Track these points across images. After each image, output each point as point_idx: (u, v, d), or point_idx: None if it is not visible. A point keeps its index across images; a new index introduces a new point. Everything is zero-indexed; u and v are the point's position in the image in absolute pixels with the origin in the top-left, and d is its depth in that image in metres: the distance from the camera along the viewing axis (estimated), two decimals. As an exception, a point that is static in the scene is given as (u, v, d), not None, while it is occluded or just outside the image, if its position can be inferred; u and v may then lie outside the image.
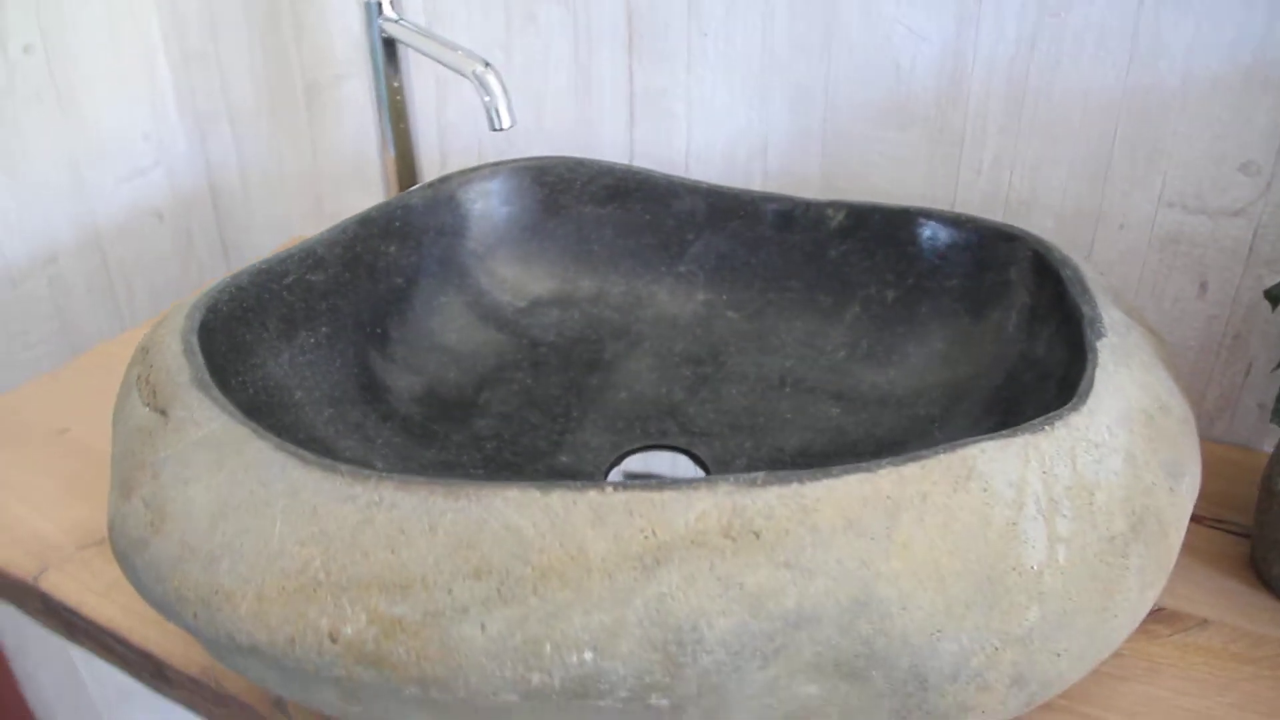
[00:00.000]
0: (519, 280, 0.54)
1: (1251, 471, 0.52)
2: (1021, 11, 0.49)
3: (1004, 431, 0.33)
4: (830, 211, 0.52)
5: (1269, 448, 0.53)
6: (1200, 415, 0.54)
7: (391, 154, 0.60)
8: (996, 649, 0.31)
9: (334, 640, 0.29)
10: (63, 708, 0.85)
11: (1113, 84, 0.49)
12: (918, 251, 0.50)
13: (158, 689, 0.44)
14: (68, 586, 0.46)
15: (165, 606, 0.32)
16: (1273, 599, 0.45)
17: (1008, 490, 0.32)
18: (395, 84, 0.58)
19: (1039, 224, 0.53)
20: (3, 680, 0.89)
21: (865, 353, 0.50)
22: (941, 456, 0.31)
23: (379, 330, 0.49)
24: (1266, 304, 0.50)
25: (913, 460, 0.31)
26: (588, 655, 0.28)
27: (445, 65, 0.51)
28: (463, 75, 0.49)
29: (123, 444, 0.37)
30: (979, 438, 0.32)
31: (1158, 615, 0.44)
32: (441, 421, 0.47)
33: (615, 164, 0.54)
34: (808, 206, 0.52)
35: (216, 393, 0.35)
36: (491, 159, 0.67)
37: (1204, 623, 0.44)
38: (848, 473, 0.30)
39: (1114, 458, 0.34)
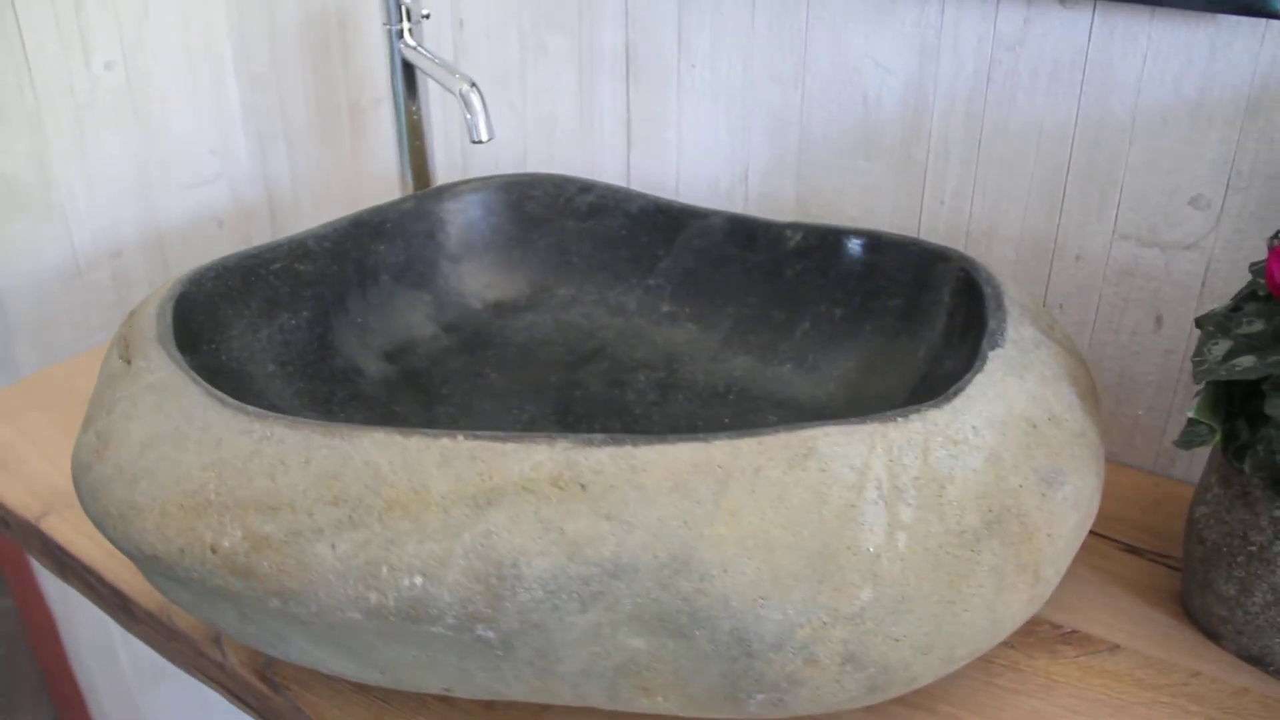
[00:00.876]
0: (498, 285, 0.58)
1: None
2: (978, 46, 0.51)
3: (853, 418, 0.35)
4: (789, 232, 0.54)
5: (1231, 490, 0.53)
6: (1160, 454, 0.54)
7: (408, 169, 0.66)
8: (825, 624, 0.33)
9: (214, 551, 0.33)
10: (104, 683, 0.92)
11: (1065, 117, 0.50)
12: (865, 272, 0.52)
13: (126, 626, 0.49)
14: (64, 529, 0.51)
15: (98, 521, 0.37)
16: (1195, 632, 0.44)
17: (848, 473, 0.34)
18: (413, 107, 0.64)
19: (999, 254, 0.54)
20: (56, 655, 0.96)
21: (810, 366, 0.52)
22: (781, 435, 0.33)
23: (359, 320, 0.54)
24: (1224, 342, 0.50)
25: (750, 435, 0.33)
26: (418, 580, 0.31)
27: (440, 83, 0.56)
28: (450, 92, 0.54)
29: (96, 389, 0.42)
30: (825, 421, 0.34)
31: (1068, 637, 0.44)
32: (403, 404, 0.51)
33: (596, 181, 0.58)
34: (768, 227, 0.54)
35: (173, 349, 0.40)
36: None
37: (1115, 648, 0.44)
38: (682, 441, 0.33)
39: (974, 455, 0.36)
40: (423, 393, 0.53)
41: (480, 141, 0.53)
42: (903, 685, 0.35)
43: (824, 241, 0.53)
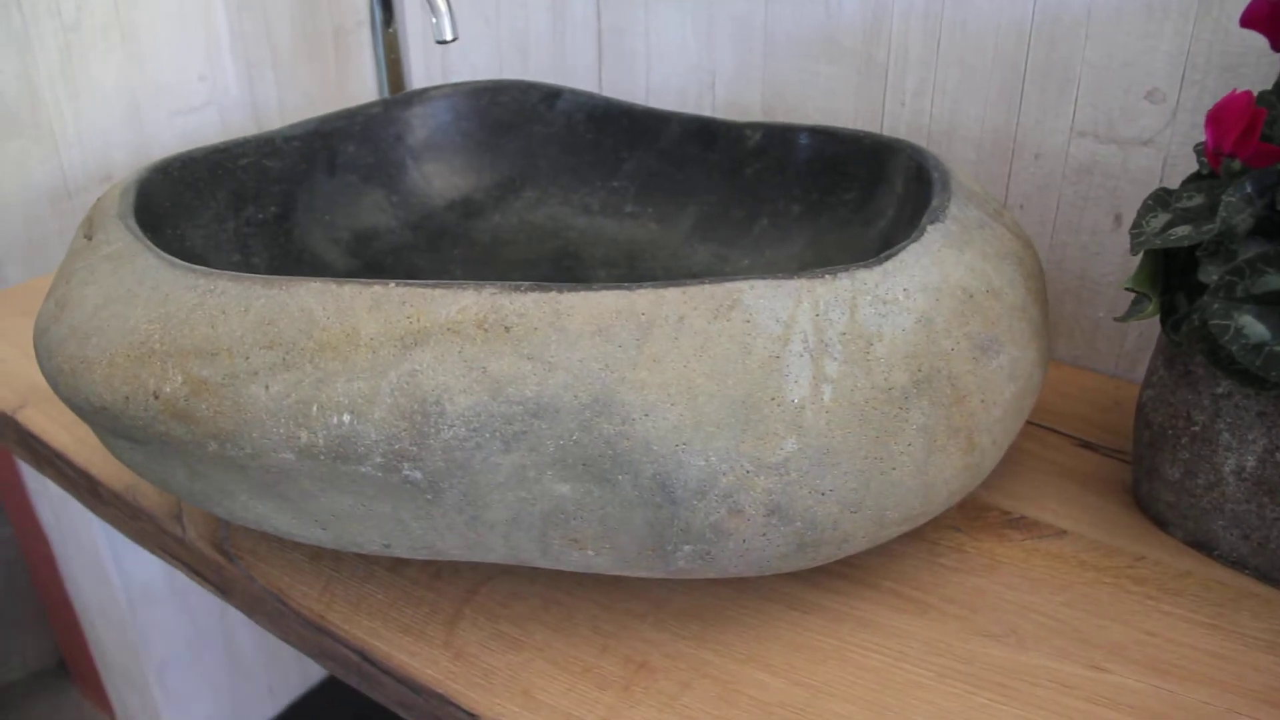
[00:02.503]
0: (464, 186, 0.59)
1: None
2: (940, -57, 0.51)
3: (780, 274, 0.35)
4: (748, 132, 0.54)
5: (1191, 391, 0.53)
6: (1120, 357, 0.54)
7: (385, 87, 0.66)
8: (748, 472, 0.33)
9: (156, 398, 0.34)
10: (98, 606, 0.93)
11: (1022, 14, 0.50)
12: (822, 167, 0.52)
13: (94, 509, 0.50)
14: (39, 421, 0.53)
15: (51, 379, 0.38)
16: (1144, 520, 0.45)
17: (774, 325, 0.34)
18: (390, 27, 0.64)
19: (960, 154, 0.54)
20: (53, 580, 0.99)
21: (767, 261, 0.53)
22: (706, 286, 0.34)
23: (325, 216, 0.54)
24: (1184, 240, 0.50)
25: (674, 285, 0.34)
26: (346, 418, 0.32)
27: (409, -12, 0.56)
28: (417, -6, 0.54)
29: (61, 265, 0.43)
30: (750, 275, 0.35)
31: (1016, 522, 0.45)
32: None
33: (563, 87, 0.58)
34: (729, 127, 0.55)
35: (131, 222, 0.41)
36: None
37: (1061, 533, 0.44)
38: (607, 289, 0.33)
39: (904, 316, 0.36)
40: (388, 290, 0.53)
41: (444, 41, 0.53)
42: (834, 545, 0.36)
43: (782, 139, 0.53)
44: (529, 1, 0.66)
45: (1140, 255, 0.39)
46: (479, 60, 0.71)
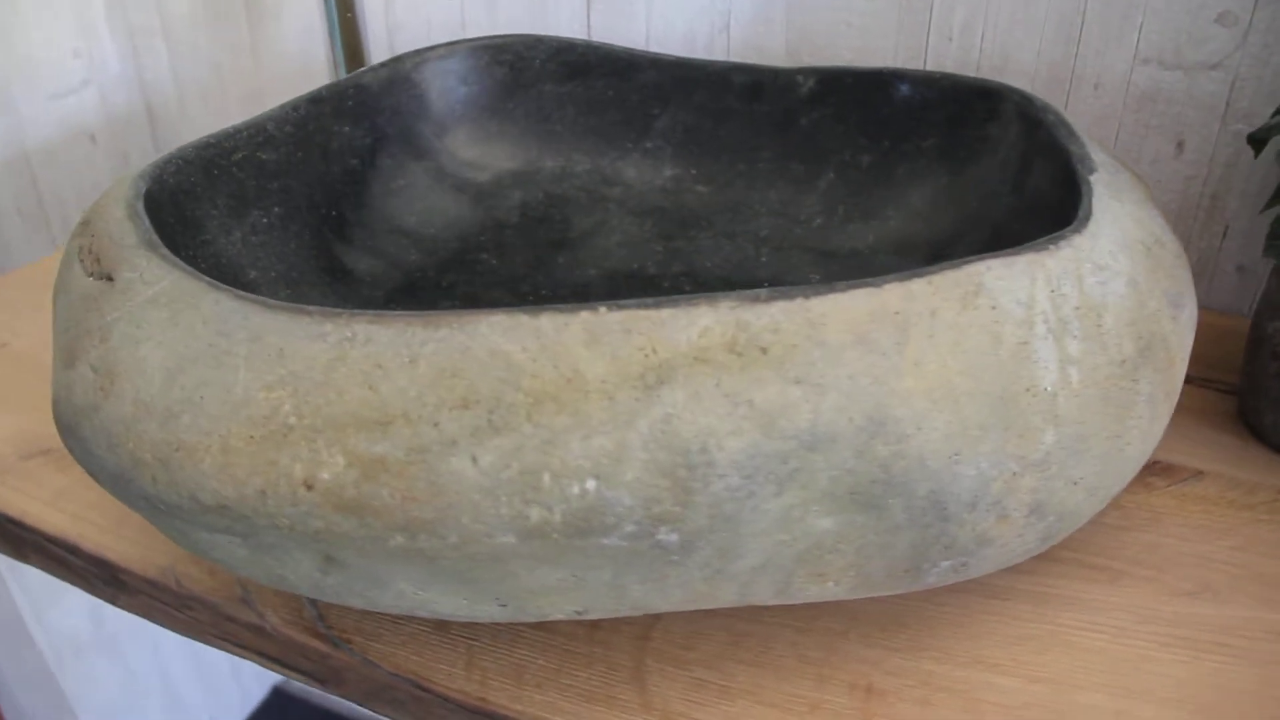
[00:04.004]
0: (479, 161, 0.51)
1: (1232, 334, 0.51)
2: None
3: (1007, 250, 0.31)
4: (800, 78, 0.50)
5: (1248, 312, 0.53)
6: (1211, 291, 0.53)
7: (340, 49, 0.57)
8: (1015, 474, 0.30)
9: (309, 488, 0.26)
10: (15, 666, 0.81)
11: (1088, -67, 0.47)
12: (892, 113, 0.48)
13: (113, 599, 0.42)
14: (11, 498, 0.43)
15: (119, 475, 0.29)
16: (1263, 449, 0.44)
17: (1017, 309, 0.30)
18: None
19: (1014, 89, 0.52)
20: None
21: (842, 218, 0.49)
22: (948, 273, 0.30)
23: (334, 213, 0.46)
24: (1244, 164, 0.49)
25: (918, 276, 0.29)
26: (590, 484, 0.26)
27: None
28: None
29: (65, 317, 0.34)
30: (983, 255, 0.31)
31: (1153, 468, 0.44)
32: (405, 303, 0.45)
33: (575, 39, 0.51)
34: (776, 74, 0.50)
35: (166, 251, 0.32)
36: (441, 57, 0.64)
37: (1199, 474, 0.43)
38: (853, 288, 0.28)
39: (1117, 281, 0.33)
40: (421, 288, 0.46)
41: (455, -5, 0.45)
42: (1068, 531, 0.33)
43: (840, 84, 0.49)
44: (495, -58, 0.58)
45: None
46: (434, 15, 0.62)
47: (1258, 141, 0.42)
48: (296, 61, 0.67)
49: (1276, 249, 0.38)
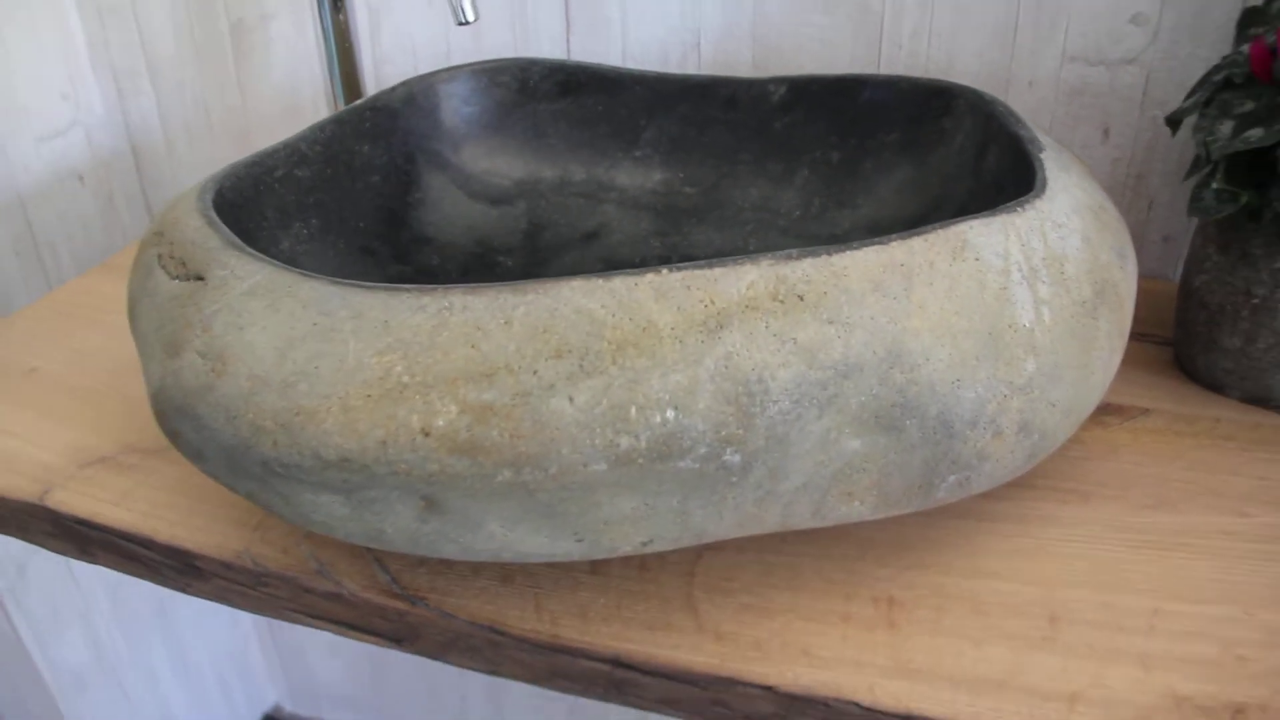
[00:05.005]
0: (487, 173, 0.56)
1: (1163, 296, 0.58)
2: (929, -110, 0.54)
3: (985, 212, 0.37)
4: (772, 87, 0.55)
5: (1175, 277, 0.60)
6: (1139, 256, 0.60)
7: (338, 82, 0.61)
8: (1005, 396, 0.35)
9: (427, 434, 0.31)
10: (17, 699, 0.82)
11: (1015, -50, 0.54)
12: (857, 114, 0.54)
13: (185, 588, 0.45)
14: (77, 502, 0.45)
15: (238, 445, 0.33)
16: (1198, 387, 0.51)
17: (996, 260, 0.36)
18: (340, 15, 0.59)
19: (958, 89, 0.58)
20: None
21: (819, 209, 0.54)
22: (940, 231, 0.35)
23: (362, 224, 0.50)
24: (1161, 145, 0.57)
25: (916, 235, 0.35)
26: (670, 414, 0.31)
27: (398, -30, 0.52)
28: (420, -25, 0.51)
29: (154, 317, 0.37)
30: (966, 217, 0.36)
31: (1107, 409, 0.50)
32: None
33: (565, 61, 0.57)
34: (750, 84, 0.55)
35: (252, 251, 0.36)
36: (428, 84, 0.68)
37: (1146, 411, 0.50)
38: (865, 245, 0.34)
39: (1074, 237, 0.39)
40: (448, 293, 0.50)
41: (465, 22, 0.50)
42: (1049, 449, 0.39)
43: (808, 91, 0.55)
44: (479, -23, 0.63)
45: (1216, 159, 0.44)
46: (420, 43, 0.67)
47: (1174, 122, 0.49)
48: (284, 96, 0.71)
49: (1199, 209, 0.45)
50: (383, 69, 0.68)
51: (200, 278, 0.37)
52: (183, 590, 0.45)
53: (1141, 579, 0.40)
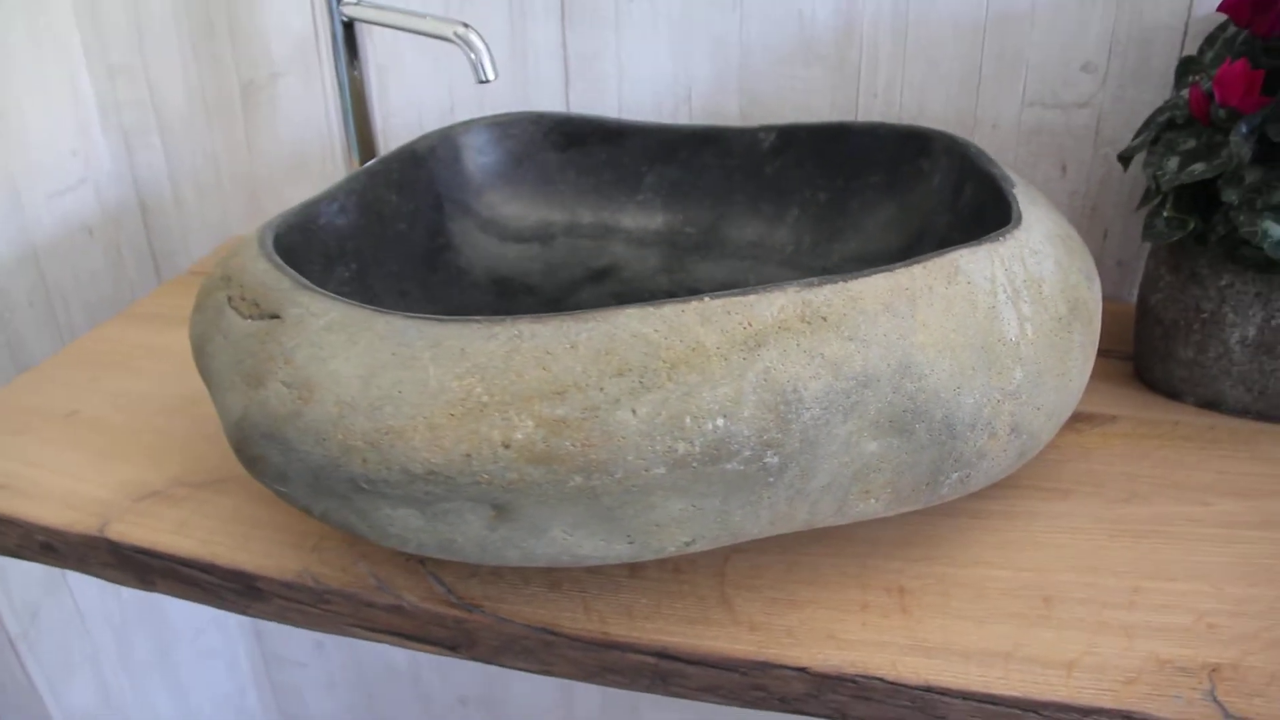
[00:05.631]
0: (503, 219, 0.60)
1: (1121, 316, 0.64)
2: (897, -43, 0.60)
3: (972, 241, 0.42)
4: (762, 135, 0.61)
5: (1131, 297, 0.66)
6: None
7: (354, 139, 0.65)
8: (999, 401, 0.40)
9: (507, 447, 0.35)
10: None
11: (977, 9, 0.60)
12: (841, 158, 0.60)
13: (244, 610, 0.48)
14: (136, 533, 0.48)
15: (327, 464, 0.37)
16: (1158, 396, 0.57)
17: (984, 282, 0.41)
18: (354, 71, 0.64)
19: (928, 133, 0.64)
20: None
21: (810, 244, 0.60)
22: (935, 260, 0.40)
23: (395, 268, 0.54)
24: (1114, 179, 0.63)
25: (916, 263, 0.40)
26: (720, 421, 0.35)
27: (421, 34, 0.57)
28: (444, 39, 0.55)
29: (230, 353, 0.41)
30: (956, 246, 0.42)
31: (1078, 417, 0.55)
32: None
33: (571, 114, 0.61)
34: (741, 132, 0.61)
35: (323, 290, 0.40)
36: (432, 137, 0.73)
37: (1113, 418, 0.55)
38: (875, 273, 0.39)
39: (1048, 262, 0.45)
40: (476, 329, 0.54)
41: (487, 81, 0.55)
42: (1035, 449, 0.44)
43: (796, 138, 0.60)
44: (487, 33, 0.68)
45: (1165, 190, 0.50)
46: (427, 101, 0.71)
47: (1125, 159, 0.55)
48: (292, 151, 0.75)
49: (1151, 235, 0.51)
50: (390, 123, 0.72)
51: (275, 316, 0.40)
52: (242, 612, 0.48)
53: (1120, 562, 0.45)
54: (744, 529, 0.40)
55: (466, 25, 0.55)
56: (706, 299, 0.37)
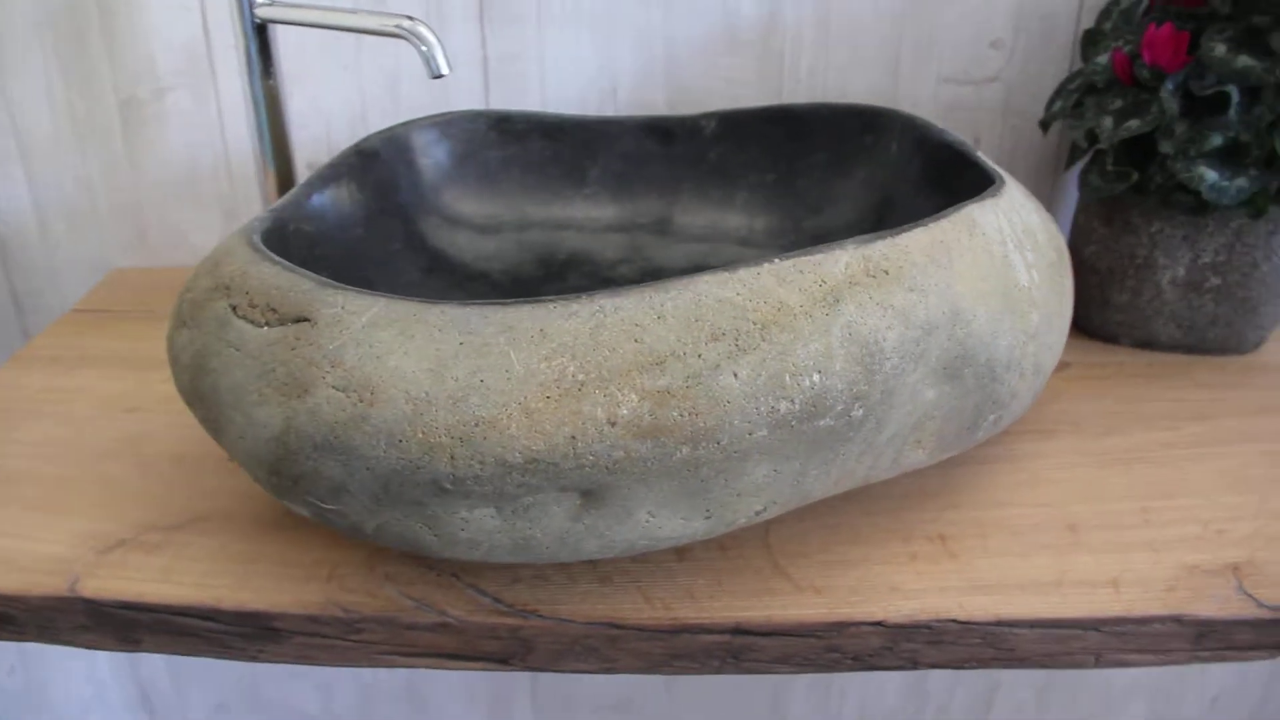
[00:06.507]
0: (449, 225, 0.58)
1: (1029, 275, 0.69)
2: (816, -55, 0.62)
3: (974, 198, 0.44)
4: (703, 122, 0.61)
5: (1032, 258, 0.71)
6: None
7: (269, 150, 0.61)
8: (1024, 343, 0.42)
9: (613, 424, 0.33)
10: None
11: (891, -6, 0.63)
12: (783, 140, 0.61)
13: (256, 655, 0.43)
14: (115, 586, 0.43)
15: (404, 465, 0.34)
16: (1098, 342, 0.61)
17: (995, 234, 0.43)
18: (270, 80, 0.59)
19: (852, 114, 0.67)
20: None
21: (764, 226, 0.61)
22: (955, 214, 0.42)
23: (361, 274, 0.51)
24: (1022, 148, 0.68)
25: (943, 217, 0.41)
26: (816, 377, 0.35)
27: (357, 31, 0.54)
28: (387, 35, 0.53)
29: (249, 366, 0.37)
30: (967, 201, 0.44)
31: (1030, 367, 0.59)
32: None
33: (510, 111, 0.60)
34: (682, 121, 0.61)
35: (353, 288, 0.37)
36: (342, 144, 0.69)
37: (1066, 364, 0.59)
38: (916, 228, 0.40)
39: (1033, 214, 0.47)
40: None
41: (440, 76, 0.52)
42: (1042, 387, 0.46)
43: (737, 123, 0.61)
44: (394, 42, 0.65)
45: (1106, 147, 0.55)
46: (335, 109, 0.67)
47: (1045, 125, 0.60)
48: (181, 173, 0.69)
49: (1090, 189, 0.55)
50: (298, 135, 0.68)
51: (303, 319, 0.37)
52: (252, 659, 0.43)
53: (1120, 488, 0.48)
54: (812, 491, 0.40)
55: (412, 18, 0.52)
56: (777, 260, 0.37)
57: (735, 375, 0.34)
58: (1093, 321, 0.61)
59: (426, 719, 0.93)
